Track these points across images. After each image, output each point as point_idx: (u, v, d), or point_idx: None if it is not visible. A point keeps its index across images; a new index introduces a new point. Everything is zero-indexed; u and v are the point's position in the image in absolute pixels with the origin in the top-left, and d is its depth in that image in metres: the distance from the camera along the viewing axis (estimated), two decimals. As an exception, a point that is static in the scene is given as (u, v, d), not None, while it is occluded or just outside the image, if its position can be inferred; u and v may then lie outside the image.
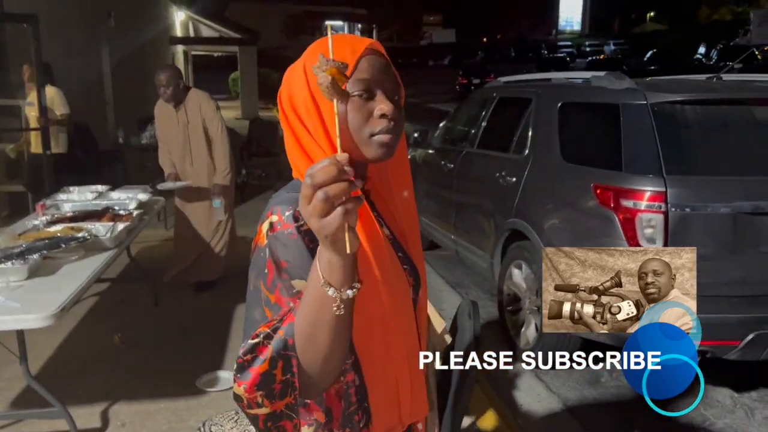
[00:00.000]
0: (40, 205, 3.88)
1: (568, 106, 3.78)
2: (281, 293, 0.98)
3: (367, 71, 1.03)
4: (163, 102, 4.52)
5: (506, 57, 41.34)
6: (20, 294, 2.59)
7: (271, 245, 0.99)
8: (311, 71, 1.00)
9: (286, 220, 1.00)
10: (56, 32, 8.19)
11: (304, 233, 0.99)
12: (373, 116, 1.03)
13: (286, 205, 1.02)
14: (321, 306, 0.88)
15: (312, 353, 0.91)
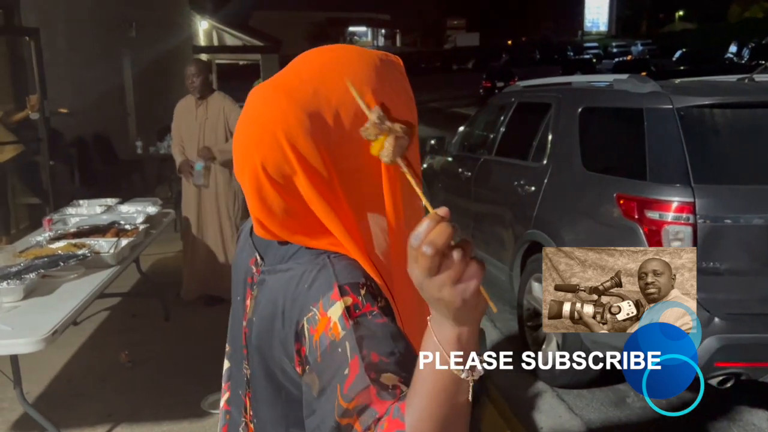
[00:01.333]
0: (47, 219, 3.81)
1: (589, 112, 3.59)
2: (381, 397, 0.75)
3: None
4: (185, 100, 4.57)
5: (531, 59, 40.90)
6: (13, 316, 2.50)
7: (356, 337, 0.78)
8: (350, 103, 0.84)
9: (364, 300, 0.81)
10: (77, 43, 8.23)
11: (388, 311, 0.82)
12: None
13: (349, 278, 0.83)
14: (454, 396, 0.70)
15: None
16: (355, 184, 0.87)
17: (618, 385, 3.54)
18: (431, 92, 28.52)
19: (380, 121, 0.78)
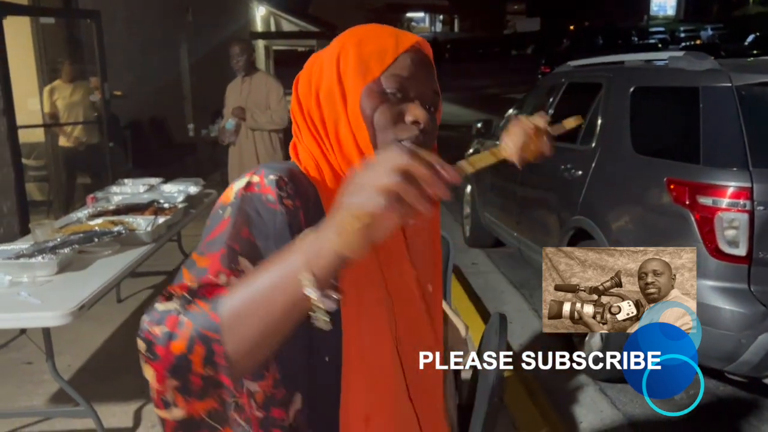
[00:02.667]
0: (90, 197, 3.88)
1: (641, 91, 3.39)
2: (222, 262, 0.76)
3: (407, 69, 0.90)
4: (233, 81, 4.80)
5: (593, 45, 39.69)
6: (45, 290, 2.53)
7: (240, 205, 0.81)
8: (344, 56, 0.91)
9: (268, 183, 0.83)
10: (135, 29, 8.40)
11: (287, 208, 0.82)
12: (404, 120, 0.90)
13: (273, 170, 0.85)
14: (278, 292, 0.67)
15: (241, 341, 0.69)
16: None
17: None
18: (488, 78, 28.07)
19: None
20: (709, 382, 3.35)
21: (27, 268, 2.61)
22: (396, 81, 0.89)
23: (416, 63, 0.91)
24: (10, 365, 3.44)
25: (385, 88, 0.89)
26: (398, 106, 0.89)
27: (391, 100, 0.89)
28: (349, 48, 0.91)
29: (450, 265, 2.78)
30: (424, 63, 0.92)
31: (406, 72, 0.90)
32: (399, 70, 0.90)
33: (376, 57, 0.90)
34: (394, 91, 0.89)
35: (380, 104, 0.89)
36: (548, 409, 3.10)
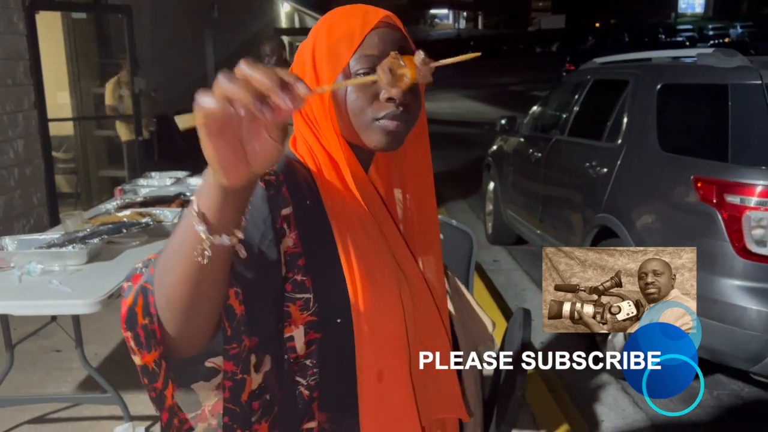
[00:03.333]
0: (118, 189, 3.94)
1: (668, 88, 3.36)
2: None
3: (377, 47, 0.89)
4: None
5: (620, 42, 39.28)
6: (76, 278, 2.58)
7: None
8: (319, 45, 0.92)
9: None
10: (161, 24, 8.50)
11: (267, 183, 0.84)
12: (379, 99, 0.89)
13: None
14: (184, 237, 0.67)
15: (163, 292, 0.70)
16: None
17: (692, 382, 3.33)
18: (512, 75, 27.92)
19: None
20: (734, 384, 3.32)
21: (58, 257, 2.66)
22: (366, 61, 0.88)
23: (385, 38, 0.90)
24: (40, 352, 3.52)
25: (356, 70, 0.89)
26: (372, 86, 0.89)
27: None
28: (321, 37, 0.92)
29: (473, 262, 2.78)
30: (394, 37, 0.91)
31: (375, 50, 0.89)
32: (368, 49, 0.89)
33: (345, 41, 0.90)
34: (365, 72, 0.88)
35: (353, 87, 0.89)
36: (570, 407, 3.10)
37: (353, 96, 0.89)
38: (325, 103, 0.91)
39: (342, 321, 0.86)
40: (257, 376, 0.81)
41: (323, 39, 0.91)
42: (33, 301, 2.41)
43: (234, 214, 0.66)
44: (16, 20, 4.89)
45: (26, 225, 4.94)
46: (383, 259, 0.90)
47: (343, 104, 0.90)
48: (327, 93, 0.90)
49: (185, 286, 0.68)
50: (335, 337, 0.87)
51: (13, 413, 2.89)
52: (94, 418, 2.90)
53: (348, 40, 0.89)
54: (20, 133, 4.91)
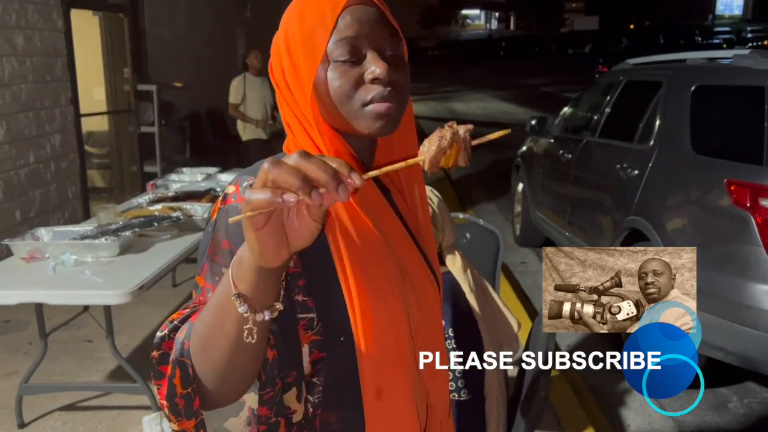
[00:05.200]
0: (150, 184, 4.02)
1: (703, 90, 3.30)
2: (207, 278, 0.79)
3: (352, 27, 0.82)
4: None
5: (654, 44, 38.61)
6: (108, 270, 2.64)
7: (218, 219, 0.81)
8: (292, 35, 0.86)
9: (242, 192, 0.80)
10: (195, 21, 8.63)
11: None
12: (364, 82, 0.82)
13: (250, 175, 0.83)
14: (223, 314, 0.68)
15: (206, 366, 0.71)
16: None
17: (721, 389, 3.27)
18: (544, 76, 27.64)
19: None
20: (766, 392, 3.25)
21: (91, 249, 2.73)
22: (343, 45, 0.82)
23: (360, 16, 0.83)
24: (72, 342, 3.60)
25: (336, 56, 0.82)
26: (353, 69, 0.82)
27: (344, 67, 0.82)
28: (293, 25, 0.86)
29: (499, 262, 2.76)
30: (369, 14, 0.84)
31: (352, 31, 0.82)
32: (343, 32, 0.82)
33: (318, 26, 0.83)
34: (345, 58, 0.82)
35: (333, 74, 0.82)
36: (595, 409, 3.06)
37: (336, 83, 0.82)
38: (307, 96, 0.84)
39: (345, 339, 0.83)
40: (300, 405, 0.82)
41: (295, 27, 0.85)
42: (66, 291, 2.47)
43: (273, 289, 0.67)
44: (55, 17, 5.01)
45: (61, 218, 5.06)
46: (384, 270, 0.85)
47: (325, 94, 0.83)
48: (308, 87, 0.84)
49: (230, 358, 0.70)
50: (339, 355, 0.84)
51: (45, 400, 2.96)
52: (122, 408, 2.96)
53: (321, 25, 0.83)
54: (57, 128, 5.03)
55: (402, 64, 0.85)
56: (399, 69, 0.84)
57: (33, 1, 4.72)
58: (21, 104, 4.59)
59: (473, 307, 1.79)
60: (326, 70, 0.83)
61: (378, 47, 0.83)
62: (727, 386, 3.29)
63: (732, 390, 3.27)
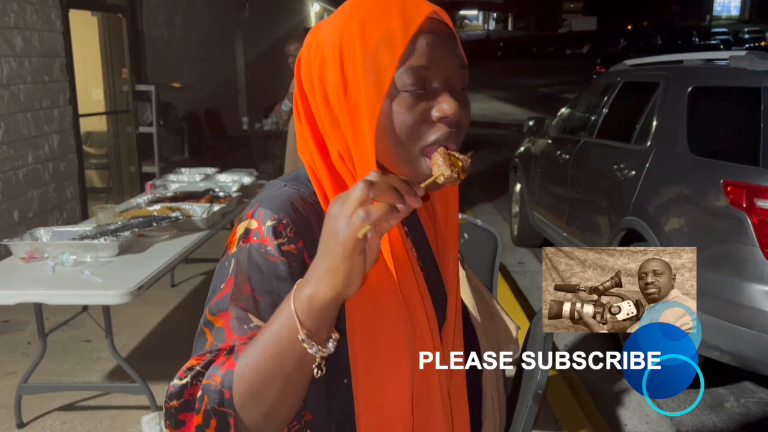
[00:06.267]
0: (149, 184, 4.02)
1: (699, 91, 3.32)
2: (232, 325, 0.74)
3: (425, 55, 0.74)
4: None
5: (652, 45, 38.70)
6: (107, 270, 2.65)
7: (239, 259, 0.76)
8: (348, 47, 0.76)
9: (266, 232, 0.76)
10: (194, 22, 8.63)
11: (288, 255, 0.76)
12: (430, 118, 0.76)
13: (271, 209, 0.78)
14: (284, 358, 0.67)
15: (255, 412, 0.69)
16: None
17: (717, 389, 3.29)
18: (541, 77, 27.70)
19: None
20: (763, 392, 3.27)
21: (90, 249, 2.74)
22: (413, 74, 0.74)
23: (434, 42, 0.75)
24: (71, 342, 3.60)
25: (402, 87, 0.75)
26: (420, 104, 0.75)
27: (410, 98, 0.75)
28: (351, 37, 0.76)
29: (497, 262, 2.77)
30: (443, 37, 0.76)
31: (424, 59, 0.75)
32: (416, 59, 0.74)
33: (385, 47, 0.74)
34: (414, 89, 0.75)
35: (399, 106, 0.75)
36: (592, 410, 3.07)
37: (400, 116, 0.75)
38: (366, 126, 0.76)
39: (348, 382, 0.80)
40: None
41: (354, 41, 0.75)
42: (65, 291, 2.48)
43: (336, 318, 0.68)
44: (53, 18, 5.01)
45: (59, 218, 5.06)
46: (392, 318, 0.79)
47: (382, 125, 0.76)
48: (371, 117, 0.75)
49: (284, 397, 0.69)
50: (343, 396, 0.81)
51: (43, 400, 2.97)
52: (121, 407, 2.97)
53: (389, 45, 0.74)
54: (55, 129, 5.03)
55: (467, 100, 0.79)
56: (465, 107, 0.78)
57: (31, 2, 4.72)
58: (19, 105, 4.59)
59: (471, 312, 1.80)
60: (390, 100, 0.75)
61: (448, 80, 0.77)
62: (724, 386, 3.30)
63: (729, 390, 3.28)
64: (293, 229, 0.77)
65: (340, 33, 0.77)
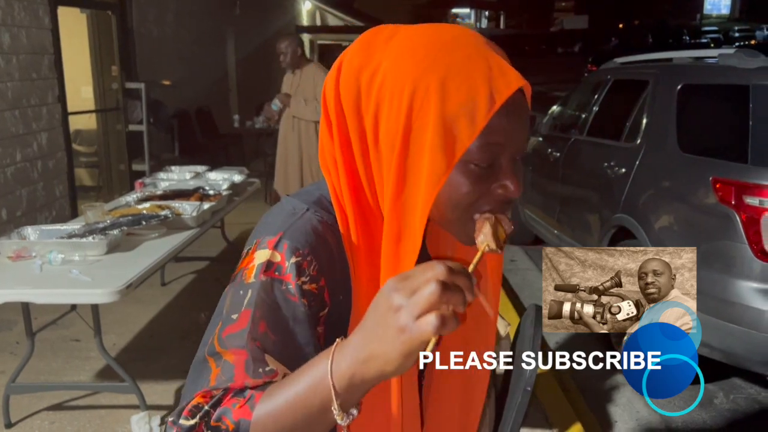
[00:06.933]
0: (139, 182, 4.00)
1: (689, 89, 3.33)
2: (246, 366, 0.69)
3: (503, 132, 0.71)
4: (287, 74, 4.84)
5: (643, 44, 38.87)
6: (95, 268, 2.63)
7: (259, 294, 0.73)
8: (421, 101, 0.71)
9: (289, 269, 0.73)
10: (184, 20, 8.59)
11: (307, 296, 0.74)
12: (490, 192, 0.74)
13: (297, 242, 0.75)
14: (313, 422, 0.65)
15: None
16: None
17: (707, 385, 3.30)
18: (534, 75, 27.65)
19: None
20: (751, 388, 3.29)
21: (78, 248, 2.72)
22: (488, 152, 0.72)
23: (513, 116, 0.72)
24: (60, 342, 3.58)
25: (471, 160, 0.72)
26: (485, 177, 0.74)
27: (477, 173, 0.73)
28: (429, 94, 0.71)
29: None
30: (521, 111, 0.73)
31: (501, 137, 0.72)
32: (493, 135, 0.71)
33: (465, 118, 0.70)
34: (485, 164, 0.72)
35: (466, 178, 0.73)
36: (583, 406, 3.08)
37: (464, 188, 0.73)
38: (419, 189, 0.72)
39: None
40: None
41: (431, 100, 0.71)
42: (53, 290, 2.46)
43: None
44: (41, 14, 4.98)
45: (48, 217, 5.03)
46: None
47: (444, 194, 0.73)
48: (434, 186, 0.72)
49: None
50: None
51: (32, 400, 2.95)
52: (111, 407, 2.95)
53: (470, 119, 0.70)
54: (44, 127, 5.00)
55: (521, 168, 0.77)
56: (521, 177, 0.77)
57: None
58: (7, 102, 4.55)
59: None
60: (455, 168, 0.72)
61: (515, 155, 0.75)
62: (713, 382, 3.32)
63: (718, 386, 3.30)
64: (316, 267, 0.75)
65: (413, 81, 0.71)
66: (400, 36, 0.76)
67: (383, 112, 0.73)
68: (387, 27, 0.79)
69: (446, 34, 0.74)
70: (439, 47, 0.72)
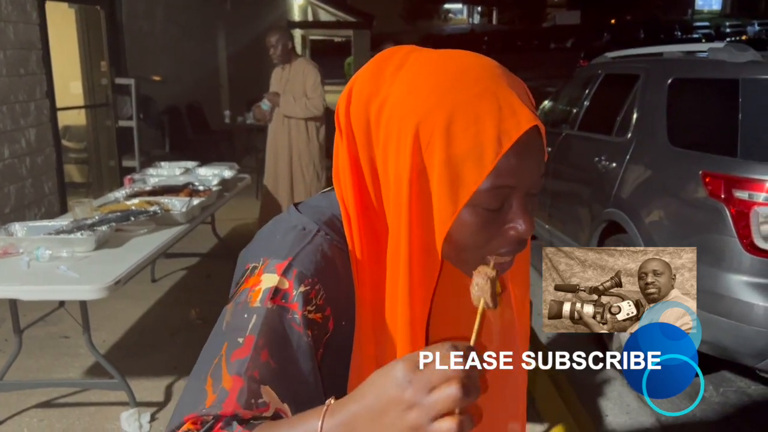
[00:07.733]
0: (128, 178, 3.98)
1: (679, 83, 3.33)
2: (239, 395, 0.67)
3: (514, 173, 0.68)
4: (276, 69, 4.78)
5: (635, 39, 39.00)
6: (84, 264, 2.61)
7: (264, 321, 0.71)
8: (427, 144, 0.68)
9: (296, 297, 0.72)
10: (174, 14, 8.53)
11: (311, 326, 0.72)
12: (502, 234, 0.71)
13: (306, 270, 0.73)
14: None
15: None
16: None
17: (696, 378, 3.31)
18: (526, 71, 27.75)
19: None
20: (741, 381, 3.30)
21: (66, 244, 2.69)
22: (497, 195, 0.69)
23: (524, 155, 0.68)
24: (48, 339, 3.56)
25: (480, 203, 0.69)
26: (495, 219, 0.71)
27: (487, 216, 0.70)
28: (434, 133, 0.68)
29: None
30: (534, 149, 0.69)
31: (512, 179, 0.68)
32: (503, 177, 0.68)
33: (472, 161, 0.67)
34: (494, 207, 0.69)
35: (478, 220, 0.70)
36: (574, 401, 3.09)
37: (472, 228, 0.70)
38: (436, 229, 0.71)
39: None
40: None
41: (435, 141, 0.68)
42: (41, 287, 2.44)
43: None
44: (29, 9, 4.93)
45: (37, 213, 4.99)
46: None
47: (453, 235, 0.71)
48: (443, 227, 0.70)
49: None
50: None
51: (20, 398, 2.93)
52: (100, 404, 2.93)
53: (477, 162, 0.67)
54: (32, 123, 4.95)
55: (536, 205, 0.75)
56: (534, 212, 0.74)
57: (6, -7, 4.64)
58: (-5, 98, 4.51)
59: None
60: (466, 213, 0.69)
61: (527, 195, 0.71)
62: (704, 376, 3.33)
63: (707, 379, 3.31)
64: (324, 296, 0.74)
65: (418, 119, 0.69)
66: (409, 65, 0.73)
67: (391, 147, 0.71)
68: (397, 52, 0.76)
69: (456, 65, 0.71)
70: (447, 82, 0.69)
